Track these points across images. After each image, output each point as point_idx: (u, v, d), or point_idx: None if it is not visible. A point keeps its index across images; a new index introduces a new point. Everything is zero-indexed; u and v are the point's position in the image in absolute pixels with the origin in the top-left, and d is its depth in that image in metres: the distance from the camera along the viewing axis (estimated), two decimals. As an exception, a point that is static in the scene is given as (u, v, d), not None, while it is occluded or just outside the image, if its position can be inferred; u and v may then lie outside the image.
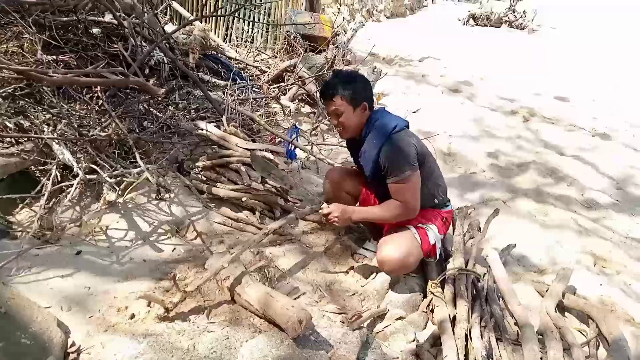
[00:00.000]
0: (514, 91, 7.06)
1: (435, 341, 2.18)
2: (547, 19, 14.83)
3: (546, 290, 2.62)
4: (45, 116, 2.80)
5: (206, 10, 5.86)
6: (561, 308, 2.57)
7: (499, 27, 13.81)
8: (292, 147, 3.82)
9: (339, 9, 10.53)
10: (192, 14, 5.88)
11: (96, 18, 3.62)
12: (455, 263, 2.56)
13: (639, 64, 9.92)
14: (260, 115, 4.15)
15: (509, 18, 14.05)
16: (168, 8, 5.75)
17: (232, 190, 2.90)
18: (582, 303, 2.55)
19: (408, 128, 2.51)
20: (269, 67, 5.34)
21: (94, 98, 3.17)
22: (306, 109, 5.06)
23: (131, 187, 2.62)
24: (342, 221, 2.40)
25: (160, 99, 3.64)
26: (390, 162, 2.30)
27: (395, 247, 2.37)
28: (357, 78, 2.44)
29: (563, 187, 4.27)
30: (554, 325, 2.28)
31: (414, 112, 5.54)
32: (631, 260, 3.24)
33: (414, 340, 2.23)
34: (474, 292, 2.46)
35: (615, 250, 3.31)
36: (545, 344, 2.18)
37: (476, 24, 13.99)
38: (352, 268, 2.71)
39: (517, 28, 13.69)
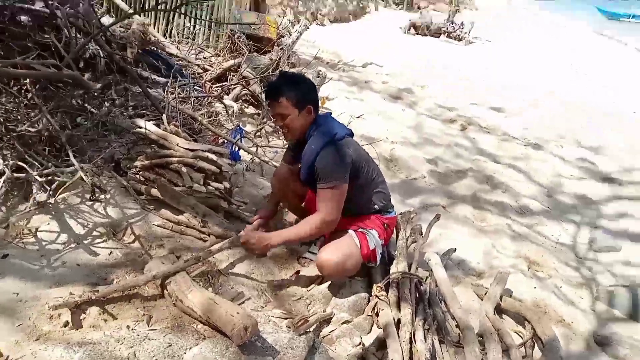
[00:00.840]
0: (453, 100, 7.30)
1: (381, 344, 2.19)
2: (482, 33, 15.51)
3: (485, 294, 2.70)
4: (-34, 109, 2.58)
5: (146, 4, 5.65)
6: (499, 310, 2.66)
7: (438, 37, 14.28)
8: (236, 149, 3.73)
9: (283, 10, 10.51)
10: (131, 7, 5.65)
11: (25, 5, 3.38)
12: (398, 267, 2.58)
13: (568, 78, 10.56)
14: (202, 114, 4.03)
15: (447, 29, 14.57)
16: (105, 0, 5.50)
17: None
18: (518, 305, 2.66)
19: (352, 136, 2.53)
20: (211, 66, 5.21)
21: (23, 91, 2.95)
22: (250, 109, 4.98)
23: (64, 187, 2.46)
24: (260, 249, 2.37)
25: (95, 94, 3.46)
26: (322, 168, 2.33)
27: (334, 251, 2.39)
28: (303, 80, 2.46)
29: (498, 193, 4.46)
30: (493, 327, 2.36)
31: (358, 117, 5.59)
32: (561, 264, 3.42)
33: (360, 344, 2.22)
34: (417, 295, 2.49)
35: (546, 255, 3.48)
36: (485, 346, 2.25)
37: (417, 33, 14.40)
38: (298, 272, 2.68)
39: (455, 39, 14.21)
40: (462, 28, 14.68)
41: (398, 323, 2.25)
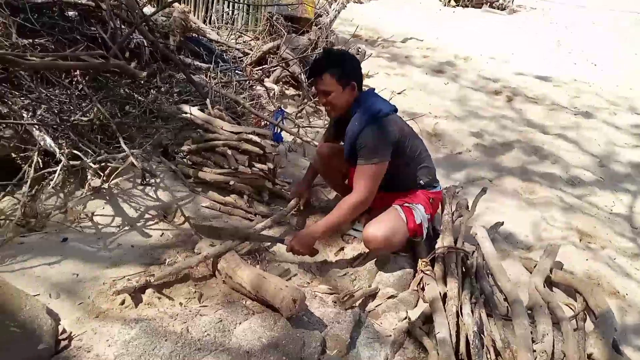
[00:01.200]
0: (497, 71, 7.08)
1: (427, 318, 2.19)
2: (527, 0, 14.87)
3: (534, 267, 2.66)
4: (23, 102, 2.72)
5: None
6: (549, 283, 2.61)
7: (480, 7, 13.77)
8: (278, 130, 3.78)
9: (320, -10, 10.41)
10: (172, -4, 5.74)
11: (72, 0, 3.51)
12: (444, 241, 2.57)
13: (619, 43, 10.01)
14: (244, 98, 4.09)
15: (489, -2, 14.05)
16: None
17: (218, 174, 2.86)
18: (569, 278, 2.60)
19: (395, 112, 2.50)
20: (251, 50, 5.25)
21: (74, 82, 3.08)
22: (291, 91, 5.01)
23: (116, 172, 2.57)
24: (307, 249, 2.37)
25: (142, 82, 3.57)
26: (363, 145, 2.31)
27: (380, 225, 2.39)
28: (347, 57, 2.42)
29: (547, 165, 4.32)
30: (543, 300, 2.32)
31: (399, 93, 5.52)
32: (615, 235, 3.31)
33: (405, 318, 2.24)
34: (464, 269, 2.48)
35: (599, 226, 3.37)
36: (534, 319, 2.22)
37: (457, 5, 13.93)
38: (342, 249, 2.71)
39: (498, 8, 13.67)
40: (505, -4, 14.08)
41: (444, 297, 2.25)
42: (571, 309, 2.45)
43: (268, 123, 3.80)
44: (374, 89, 2.58)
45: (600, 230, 3.32)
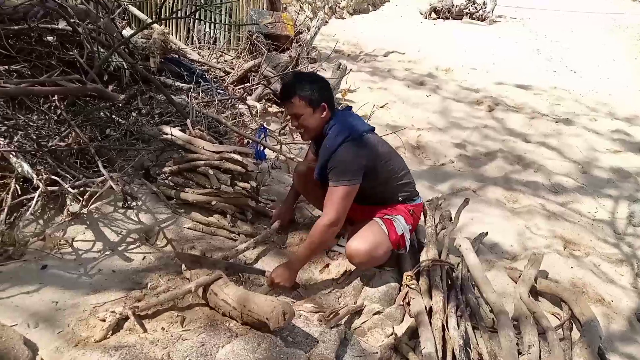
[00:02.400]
0: (478, 81, 7.17)
1: (413, 333, 2.18)
2: (507, 10, 15.12)
3: (519, 277, 2.66)
4: (0, 128, 2.68)
5: (165, 12, 5.75)
6: (534, 293, 2.61)
7: (461, 19, 13.96)
8: (261, 148, 3.77)
9: (301, 6, 10.50)
10: (151, 18, 5.76)
11: (49, 25, 3.50)
12: (428, 254, 2.57)
13: (597, 49, 10.20)
14: (226, 116, 4.08)
15: (469, 10, 14.21)
16: (125, 12, 5.61)
17: (201, 194, 2.84)
18: (554, 287, 2.61)
19: (372, 131, 2.50)
20: (233, 68, 5.27)
21: (52, 107, 3.06)
22: (273, 108, 5.02)
23: (95, 196, 2.54)
24: (288, 281, 2.33)
25: (122, 105, 3.55)
26: (334, 166, 2.31)
27: (362, 240, 2.38)
28: (316, 79, 2.42)
29: (530, 173, 4.37)
30: (528, 311, 2.32)
31: (381, 106, 5.56)
32: (599, 241, 3.33)
33: (392, 334, 2.23)
34: (449, 282, 2.48)
35: (583, 233, 3.39)
36: (520, 329, 2.22)
37: (438, 17, 14.11)
38: (327, 265, 2.70)
39: (478, 19, 13.87)
40: (485, 7, 14.31)
41: (430, 311, 2.24)
42: (557, 318, 2.46)
43: (251, 141, 3.79)
44: (351, 108, 2.58)
45: (584, 237, 3.34)
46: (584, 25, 13.19)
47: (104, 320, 1.93)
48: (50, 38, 3.41)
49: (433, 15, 14.20)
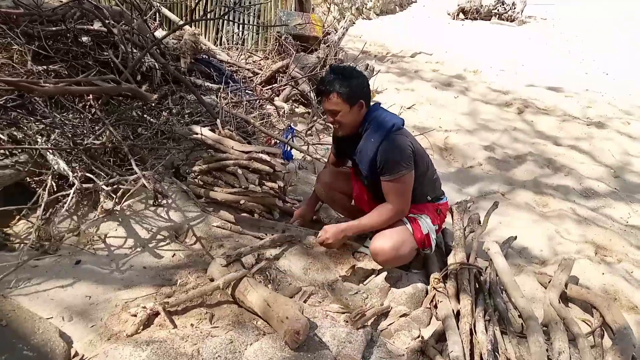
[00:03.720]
0: (507, 83, 7.06)
1: (440, 337, 2.17)
2: (538, 10, 14.86)
3: (549, 282, 2.62)
4: (38, 127, 2.77)
5: (195, 14, 5.84)
6: (564, 299, 2.56)
7: (489, 19, 13.79)
8: (288, 148, 3.80)
9: (328, 7, 10.52)
10: (182, 19, 5.85)
11: (85, 26, 3.59)
12: (456, 257, 2.55)
13: (631, 51, 9.94)
14: (254, 117, 4.13)
15: (498, 10, 14.02)
16: (157, 14, 5.72)
17: (229, 193, 2.88)
18: (585, 293, 2.55)
19: (404, 126, 2.51)
20: (261, 69, 5.32)
21: (87, 106, 3.14)
22: (300, 109, 5.05)
23: (128, 194, 2.60)
24: (336, 242, 2.41)
25: (153, 105, 3.62)
26: (386, 160, 2.31)
27: (387, 238, 2.38)
28: (354, 75, 2.37)
29: (561, 177, 4.28)
30: (558, 317, 2.28)
31: (408, 108, 5.53)
32: (632, 247, 3.25)
33: (418, 336, 2.21)
34: (477, 285, 2.46)
35: (615, 239, 3.31)
36: (550, 336, 2.18)
37: (466, 18, 13.96)
38: (353, 267, 2.70)
39: (507, 20, 13.67)
40: (514, 8, 14.09)
41: (457, 315, 2.23)
42: (588, 325, 2.40)
43: (278, 141, 3.83)
44: (380, 103, 2.57)
45: (616, 243, 3.26)
46: (617, 26, 12.86)
47: (135, 316, 1.98)
48: (85, 39, 3.50)
49: (461, 15, 14.05)
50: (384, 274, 2.57)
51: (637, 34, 11.82)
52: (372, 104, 2.51)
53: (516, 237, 3.00)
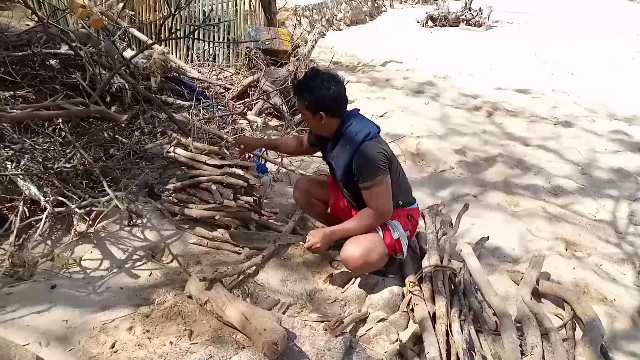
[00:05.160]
0: (476, 87, 7.22)
1: (418, 339, 2.21)
2: (503, 16, 15.23)
3: (521, 279, 2.69)
4: (7, 152, 2.75)
5: (164, 33, 5.85)
6: (537, 294, 2.64)
7: (457, 26, 14.07)
8: (263, 161, 3.83)
9: (298, 20, 10.62)
10: (150, 38, 5.86)
11: (52, 50, 3.59)
12: (430, 260, 2.60)
13: (594, 50, 10.25)
14: (227, 132, 4.14)
15: (465, 17, 14.33)
16: (125, 34, 5.72)
17: (204, 209, 2.89)
18: (556, 287, 2.63)
19: (379, 134, 2.56)
20: (232, 84, 5.34)
21: (57, 130, 3.13)
22: (274, 122, 5.08)
23: (101, 216, 2.59)
24: (324, 245, 2.44)
25: (124, 125, 3.62)
26: (362, 168, 2.36)
27: (357, 245, 2.42)
28: (320, 87, 2.37)
29: (530, 176, 4.40)
30: (531, 312, 2.35)
31: (380, 116, 5.62)
32: (600, 241, 3.35)
33: (396, 340, 2.26)
34: (452, 287, 2.51)
35: (584, 234, 3.41)
36: (523, 331, 2.24)
37: (435, 25, 14.23)
38: (331, 275, 2.73)
39: (475, 25, 13.98)
40: (481, 13, 14.42)
41: (434, 316, 2.27)
42: (560, 318, 2.48)
43: (252, 155, 3.85)
44: (359, 110, 2.61)
45: (586, 237, 3.36)
46: (580, 28, 13.26)
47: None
48: (53, 62, 3.49)
49: (430, 23, 14.31)
50: (362, 280, 2.61)
51: (599, 34, 12.22)
52: (352, 109, 2.56)
53: (488, 237, 3.07)
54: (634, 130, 5.54)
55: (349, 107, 2.52)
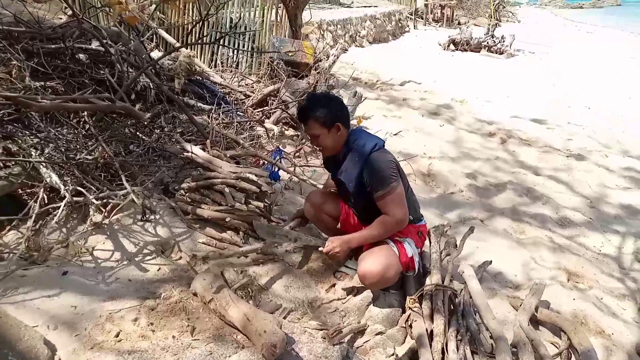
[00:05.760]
0: (492, 114, 7.27)
1: (414, 355, 2.25)
2: (525, 45, 15.29)
3: (520, 305, 2.72)
4: (33, 140, 2.86)
5: (191, 37, 6.00)
6: (535, 322, 2.66)
7: (479, 51, 14.19)
8: (276, 169, 3.91)
9: (322, 34, 10.77)
10: (178, 41, 6.02)
11: (83, 45, 3.72)
12: (432, 279, 2.64)
13: (613, 86, 10.26)
14: (244, 138, 4.24)
15: (487, 43, 14.46)
16: (154, 35, 5.88)
17: (216, 210, 2.97)
18: (554, 316, 2.66)
19: (384, 146, 2.64)
20: (253, 92, 5.46)
21: (81, 122, 3.24)
22: (290, 131, 5.18)
23: (117, 208, 2.68)
24: (343, 253, 2.51)
25: (146, 123, 3.73)
26: (374, 178, 2.43)
27: (375, 261, 2.45)
28: (329, 100, 2.55)
29: (538, 206, 4.42)
30: (527, 338, 2.37)
31: (395, 134, 5.68)
32: (603, 275, 3.37)
33: (393, 354, 2.30)
34: (451, 307, 2.55)
35: (587, 266, 3.43)
36: (518, 356, 2.27)
37: (456, 49, 14.37)
38: (333, 285, 2.78)
39: (496, 52, 14.08)
40: (503, 41, 14.51)
41: (431, 334, 2.31)
42: (556, 347, 2.50)
43: (266, 162, 3.94)
44: (361, 128, 2.71)
45: (589, 270, 3.38)
46: (600, 64, 13.27)
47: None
48: (83, 57, 3.62)
49: (451, 47, 14.43)
50: (363, 294, 2.66)
51: (619, 71, 12.21)
52: (354, 127, 2.65)
53: (491, 261, 3.10)
54: (647, 169, 5.55)
55: (365, 123, 2.60)
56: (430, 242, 2.98)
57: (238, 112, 4.76)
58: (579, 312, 2.88)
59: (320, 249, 2.57)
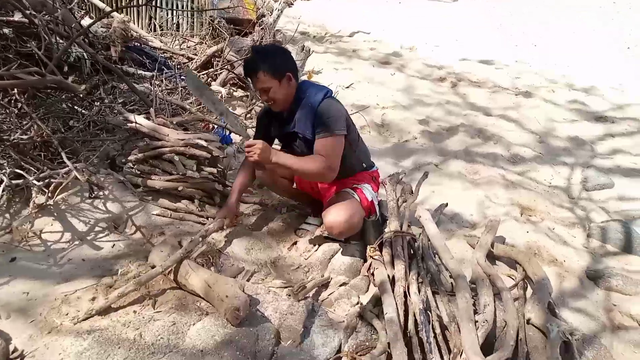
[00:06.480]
0: (442, 58, 7.28)
1: (377, 301, 2.29)
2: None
3: (477, 243, 2.79)
4: (-40, 125, 2.68)
5: (123, 0, 5.67)
6: (491, 257, 2.75)
7: (425, -4, 14.08)
8: (227, 132, 3.82)
9: (265, -11, 10.41)
10: (110, 6, 5.68)
11: (5, 18, 3.45)
12: (391, 227, 2.67)
13: (558, 23, 10.40)
14: (191, 103, 4.10)
15: (433, -13, 14.34)
16: (84, 2, 5.53)
17: (167, 180, 2.89)
18: (509, 250, 2.75)
19: (332, 95, 2.60)
20: (196, 54, 5.26)
21: (13, 101, 3.04)
22: (239, 92, 5.05)
23: (60, 187, 2.56)
24: (260, 157, 2.29)
25: (84, 96, 3.55)
26: (323, 118, 2.40)
27: (340, 211, 2.48)
28: (276, 50, 2.48)
29: (490, 145, 4.52)
30: (484, 273, 2.45)
31: (347, 87, 5.63)
32: (554, 206, 3.50)
33: (357, 303, 2.34)
34: (411, 251, 2.59)
35: (539, 199, 3.55)
36: (477, 291, 2.35)
37: (403, -5, 14.18)
38: (295, 243, 2.79)
39: (442, -4, 14.00)
40: (449, -16, 14.39)
41: (393, 280, 2.35)
42: (512, 279, 2.60)
43: (216, 126, 3.83)
44: (308, 81, 2.66)
45: (540, 203, 3.50)
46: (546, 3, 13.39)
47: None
48: (6, 30, 3.36)
49: (398, -7, 14.20)
50: (323, 247, 2.68)
51: (564, 7, 12.37)
52: (301, 80, 2.59)
53: (447, 204, 3.16)
54: (591, 100, 5.72)
55: (315, 78, 2.55)
56: (386, 191, 3.01)
57: (182, 77, 4.58)
58: (533, 243, 2.99)
59: (241, 139, 2.47)
